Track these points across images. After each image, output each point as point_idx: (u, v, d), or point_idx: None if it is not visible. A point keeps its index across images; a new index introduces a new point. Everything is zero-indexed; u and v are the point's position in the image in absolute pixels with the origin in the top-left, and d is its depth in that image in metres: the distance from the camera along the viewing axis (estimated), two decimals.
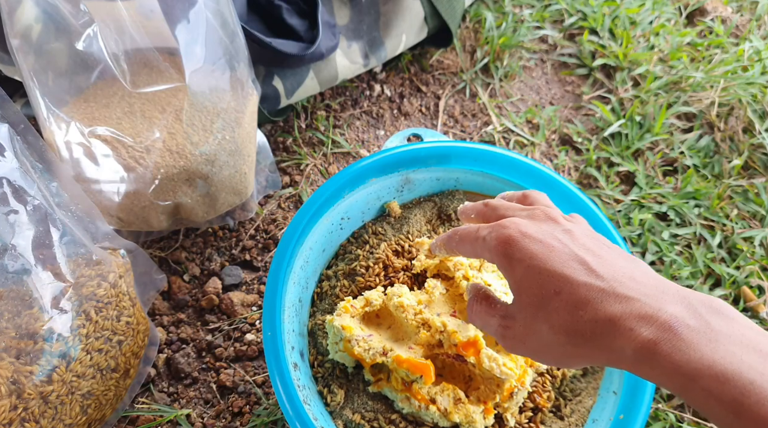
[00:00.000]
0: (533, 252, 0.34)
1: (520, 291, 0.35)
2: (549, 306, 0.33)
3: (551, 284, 0.33)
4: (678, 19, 0.87)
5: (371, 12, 0.73)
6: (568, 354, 0.33)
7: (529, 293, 0.34)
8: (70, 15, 0.50)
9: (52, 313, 0.45)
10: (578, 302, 0.32)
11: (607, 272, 0.33)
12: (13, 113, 0.46)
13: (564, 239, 0.35)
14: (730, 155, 0.74)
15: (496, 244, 0.36)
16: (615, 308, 0.31)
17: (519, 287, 0.35)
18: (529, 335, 0.34)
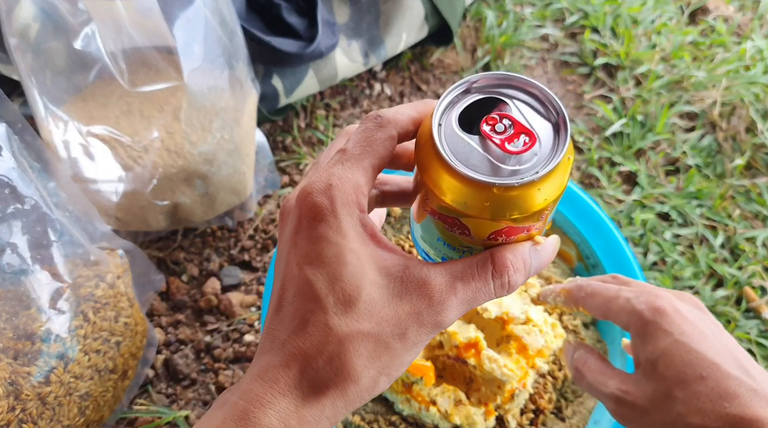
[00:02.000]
0: (684, 330, 0.33)
1: (658, 364, 0.33)
2: (690, 389, 0.32)
3: (699, 367, 0.32)
4: (680, 17, 0.87)
5: (371, 10, 0.72)
6: None
7: (670, 369, 0.33)
8: (68, 14, 0.50)
9: (50, 314, 0.45)
10: (725, 393, 0.31)
11: (758, 374, 0.32)
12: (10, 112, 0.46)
13: (715, 330, 0.35)
14: (733, 155, 0.74)
15: (646, 308, 0.35)
16: (759, 409, 0.30)
17: (658, 359, 0.33)
18: (654, 408, 0.33)
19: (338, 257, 0.24)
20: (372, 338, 0.24)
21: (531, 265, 0.26)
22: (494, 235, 0.25)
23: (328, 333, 0.23)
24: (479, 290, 0.25)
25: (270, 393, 0.23)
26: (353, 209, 0.25)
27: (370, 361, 0.24)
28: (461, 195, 0.24)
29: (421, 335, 0.24)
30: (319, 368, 0.23)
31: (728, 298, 0.64)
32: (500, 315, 0.49)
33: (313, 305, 0.24)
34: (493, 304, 0.49)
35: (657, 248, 0.67)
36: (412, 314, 0.24)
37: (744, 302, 0.64)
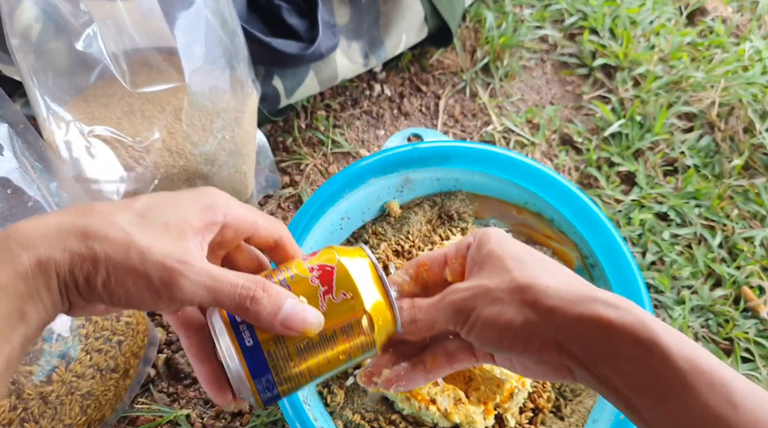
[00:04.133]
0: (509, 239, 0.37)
1: (492, 252, 0.36)
2: (526, 264, 0.35)
3: (528, 252, 0.36)
4: (678, 18, 0.87)
5: (371, 11, 0.73)
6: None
7: (504, 253, 0.36)
8: (69, 15, 0.50)
9: None
10: (559, 270, 0.35)
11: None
12: (12, 112, 0.46)
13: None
14: (731, 155, 0.74)
15: (479, 233, 0.38)
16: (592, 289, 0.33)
17: (491, 249, 0.36)
18: (491, 287, 0.35)
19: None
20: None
21: (284, 305, 0.28)
22: (318, 268, 0.31)
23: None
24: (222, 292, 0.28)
25: None
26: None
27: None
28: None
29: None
30: None
31: (726, 298, 0.65)
32: None
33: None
34: None
35: (655, 248, 0.67)
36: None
37: (742, 301, 0.64)
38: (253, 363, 0.28)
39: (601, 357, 0.29)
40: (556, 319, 0.30)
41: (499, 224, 0.59)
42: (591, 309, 0.29)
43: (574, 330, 0.29)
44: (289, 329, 0.28)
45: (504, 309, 0.31)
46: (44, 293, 0.26)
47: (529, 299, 0.31)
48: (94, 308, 0.29)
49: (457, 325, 0.33)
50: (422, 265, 0.38)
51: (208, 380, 0.31)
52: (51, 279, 0.26)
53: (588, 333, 0.29)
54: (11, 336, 0.25)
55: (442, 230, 0.58)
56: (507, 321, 0.31)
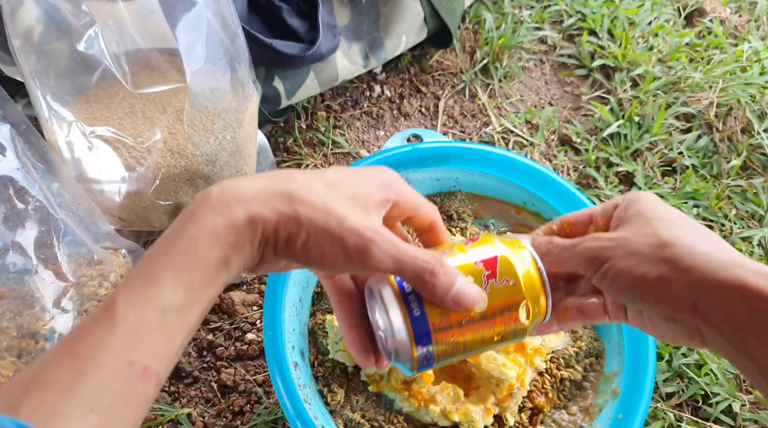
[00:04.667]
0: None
1: (642, 210, 0.35)
2: (674, 223, 0.34)
3: (681, 216, 0.35)
4: (677, 19, 0.87)
5: (371, 13, 0.73)
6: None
7: (653, 212, 0.35)
8: (71, 16, 0.50)
9: (54, 312, 0.45)
10: (710, 234, 0.34)
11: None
12: (14, 113, 0.46)
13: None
14: (729, 155, 0.75)
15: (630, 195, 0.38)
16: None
17: (641, 208, 0.35)
18: (631, 239, 0.35)
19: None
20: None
21: (457, 281, 0.31)
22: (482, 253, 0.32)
23: None
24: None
25: None
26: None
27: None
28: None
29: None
30: None
31: None
32: None
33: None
34: None
35: None
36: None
37: None
38: (418, 330, 0.31)
39: (742, 324, 0.28)
40: (696, 279, 0.30)
41: (498, 223, 0.59)
42: (736, 275, 0.29)
43: (715, 293, 0.29)
44: (458, 304, 0.31)
45: (641, 262, 0.31)
46: (248, 246, 0.28)
47: (669, 256, 0.31)
48: (278, 264, 0.31)
49: (588, 270, 0.33)
50: (567, 223, 0.38)
51: (355, 342, 0.34)
52: (257, 234, 0.28)
53: (730, 298, 0.29)
54: (217, 279, 0.28)
55: None
56: (642, 273, 0.31)
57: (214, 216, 0.28)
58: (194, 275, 0.27)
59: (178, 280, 0.27)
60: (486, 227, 0.59)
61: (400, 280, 0.31)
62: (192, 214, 0.28)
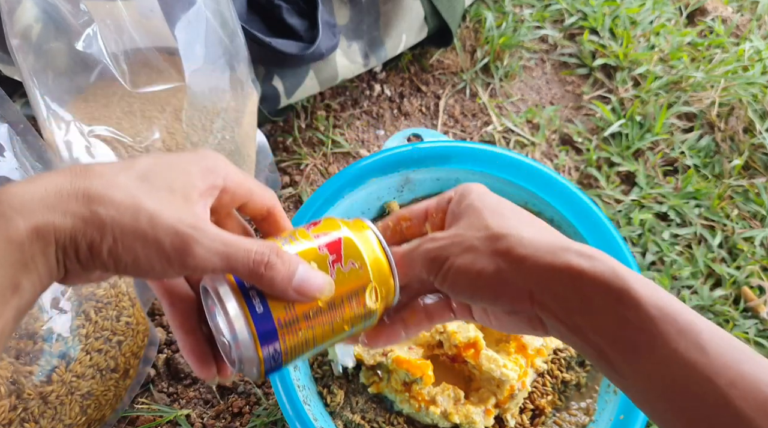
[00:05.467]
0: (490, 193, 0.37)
1: (472, 203, 0.35)
2: (503, 215, 0.34)
3: (509, 206, 0.35)
4: (678, 18, 0.87)
5: (371, 12, 0.73)
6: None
7: (484, 204, 0.35)
8: (69, 15, 0.50)
9: (52, 313, 0.45)
10: (536, 222, 0.34)
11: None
12: (12, 112, 0.46)
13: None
14: (731, 155, 0.74)
15: (460, 189, 0.37)
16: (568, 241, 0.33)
17: (472, 201, 0.35)
18: (466, 235, 0.34)
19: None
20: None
21: (298, 270, 0.28)
22: (324, 236, 0.30)
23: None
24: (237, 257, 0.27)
25: None
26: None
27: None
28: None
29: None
30: None
31: (726, 298, 0.65)
32: None
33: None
34: None
35: (655, 248, 0.67)
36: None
37: (742, 301, 0.64)
38: (262, 330, 0.27)
39: (574, 307, 0.28)
40: (528, 268, 0.29)
41: None
42: (563, 259, 0.29)
43: (547, 279, 0.29)
44: (302, 294, 0.28)
45: (477, 258, 0.30)
46: (40, 262, 0.24)
47: (502, 248, 0.30)
48: (90, 275, 0.27)
49: (431, 273, 0.32)
50: (403, 219, 0.37)
51: (193, 351, 0.30)
52: (49, 246, 0.24)
53: (560, 283, 0.29)
54: (3, 309, 0.23)
55: None
56: (479, 269, 0.30)
57: None
58: None
59: None
60: None
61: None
62: None
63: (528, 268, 0.29)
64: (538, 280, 0.29)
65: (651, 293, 0.27)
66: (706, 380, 0.25)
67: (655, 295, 0.27)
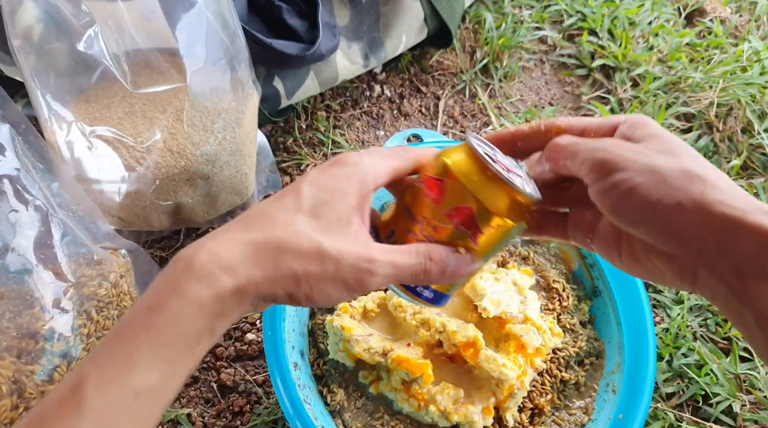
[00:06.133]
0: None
1: (650, 134, 0.32)
2: (681, 149, 0.32)
3: (687, 146, 0.33)
4: (677, 19, 0.87)
5: (371, 13, 0.73)
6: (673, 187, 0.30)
7: (662, 136, 0.32)
8: (71, 15, 0.50)
9: (54, 313, 0.45)
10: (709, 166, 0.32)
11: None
12: (14, 113, 0.46)
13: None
14: (729, 156, 0.75)
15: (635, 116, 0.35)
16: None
17: (649, 133, 0.32)
18: (640, 155, 0.32)
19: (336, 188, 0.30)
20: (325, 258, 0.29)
21: (449, 264, 0.32)
22: (455, 214, 0.32)
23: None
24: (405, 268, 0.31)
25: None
26: (367, 186, 0.31)
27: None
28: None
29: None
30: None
31: None
32: (499, 315, 0.50)
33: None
34: (491, 304, 0.50)
35: None
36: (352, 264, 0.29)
37: None
38: (439, 304, 0.35)
39: (753, 272, 0.27)
40: (717, 218, 0.27)
41: None
42: (757, 219, 0.27)
43: (733, 237, 0.27)
44: (459, 278, 0.33)
45: (661, 184, 0.28)
46: (236, 311, 0.28)
47: (694, 189, 0.28)
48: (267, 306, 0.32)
49: (595, 178, 0.30)
50: (557, 128, 0.34)
51: None
52: (246, 299, 0.28)
53: (750, 244, 0.27)
54: (198, 349, 0.27)
55: None
56: (660, 197, 0.28)
57: (199, 288, 0.26)
58: (173, 350, 0.26)
59: (155, 358, 0.25)
60: None
61: None
62: (175, 284, 0.26)
63: (717, 218, 0.27)
64: (722, 235, 0.27)
65: None
66: None
67: None
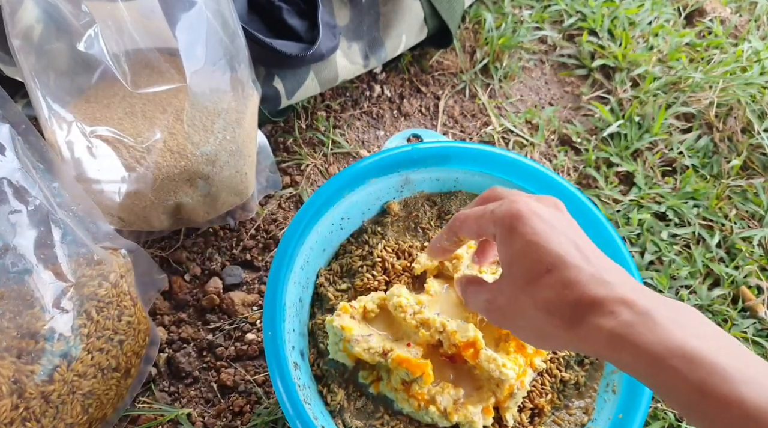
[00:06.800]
0: (536, 229, 0.35)
1: (512, 264, 0.36)
2: (538, 282, 0.34)
3: (545, 262, 0.34)
4: (677, 19, 0.87)
5: (371, 13, 0.73)
6: (544, 334, 0.35)
7: (521, 267, 0.35)
8: (71, 15, 0.50)
9: (54, 313, 0.45)
10: (567, 282, 0.33)
11: (596, 259, 0.35)
12: (14, 113, 0.46)
13: (566, 225, 0.37)
14: (729, 155, 0.75)
15: (503, 216, 0.37)
16: (600, 291, 0.33)
17: (512, 261, 0.36)
18: (512, 307, 0.37)
19: None
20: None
21: None
22: None
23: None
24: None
25: None
26: None
27: None
28: None
29: None
30: None
31: (725, 297, 0.65)
32: None
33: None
34: None
35: (654, 248, 0.67)
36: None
37: (740, 301, 0.65)
38: None
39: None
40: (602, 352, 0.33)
41: None
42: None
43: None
44: None
45: (537, 327, 0.36)
46: None
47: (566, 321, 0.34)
48: None
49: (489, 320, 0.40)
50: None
51: None
52: None
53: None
54: None
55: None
56: (542, 335, 0.36)
57: None
58: None
59: None
60: None
61: None
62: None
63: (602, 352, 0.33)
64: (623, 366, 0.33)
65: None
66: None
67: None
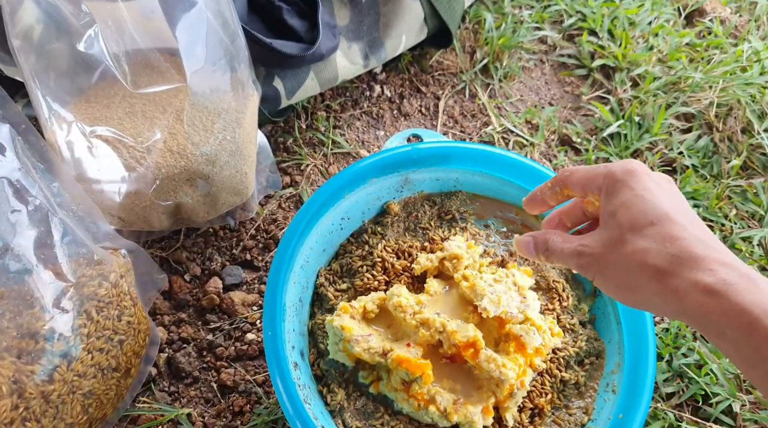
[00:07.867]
0: (647, 186, 0.38)
1: (616, 213, 0.38)
2: (640, 232, 0.36)
3: (651, 215, 0.36)
4: (677, 19, 0.87)
5: (371, 13, 0.73)
6: (631, 284, 0.37)
7: (625, 216, 0.37)
8: (71, 16, 0.50)
9: (54, 313, 0.45)
10: (670, 236, 0.35)
11: (699, 225, 0.37)
12: (14, 113, 0.46)
13: (675, 193, 0.39)
14: (729, 155, 0.75)
15: (618, 169, 0.39)
16: (700, 250, 0.35)
17: (616, 210, 0.38)
18: (605, 255, 0.38)
19: None
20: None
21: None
22: None
23: None
24: None
25: None
26: None
27: None
28: None
29: None
30: None
31: None
32: (499, 315, 0.50)
33: None
34: (491, 304, 0.50)
35: None
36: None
37: None
38: None
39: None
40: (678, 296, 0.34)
41: (498, 223, 0.59)
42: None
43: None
44: None
45: (627, 275, 0.37)
46: None
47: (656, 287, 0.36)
48: None
49: (579, 272, 0.41)
50: (566, 190, 0.44)
51: None
52: None
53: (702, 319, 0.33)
54: None
55: (442, 229, 0.58)
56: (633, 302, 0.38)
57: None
58: None
59: None
60: (486, 227, 0.59)
61: None
62: None
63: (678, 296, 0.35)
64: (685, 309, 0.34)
65: None
66: None
67: None
